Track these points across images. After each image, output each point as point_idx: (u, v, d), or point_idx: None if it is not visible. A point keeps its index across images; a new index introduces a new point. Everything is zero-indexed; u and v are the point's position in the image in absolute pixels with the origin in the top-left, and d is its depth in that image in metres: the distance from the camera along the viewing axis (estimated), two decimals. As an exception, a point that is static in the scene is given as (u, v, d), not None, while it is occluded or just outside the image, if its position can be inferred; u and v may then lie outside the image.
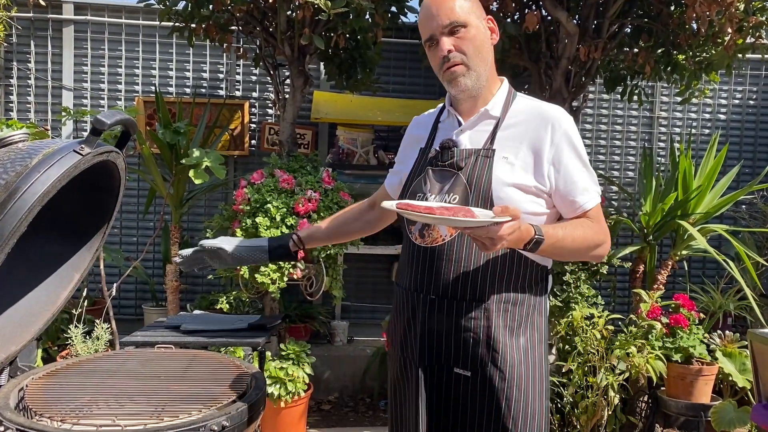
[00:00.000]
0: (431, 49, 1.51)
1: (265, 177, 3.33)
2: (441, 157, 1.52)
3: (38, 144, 1.37)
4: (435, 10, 1.47)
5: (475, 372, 1.46)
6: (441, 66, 1.50)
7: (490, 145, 1.49)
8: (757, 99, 4.88)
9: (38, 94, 4.45)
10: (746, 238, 4.24)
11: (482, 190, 1.44)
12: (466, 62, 1.48)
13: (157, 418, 1.28)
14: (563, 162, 1.47)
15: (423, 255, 1.50)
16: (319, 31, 3.42)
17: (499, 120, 1.51)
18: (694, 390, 3.21)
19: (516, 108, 1.53)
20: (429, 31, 1.49)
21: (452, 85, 1.50)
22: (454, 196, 1.46)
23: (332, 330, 4.27)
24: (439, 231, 1.49)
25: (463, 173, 1.48)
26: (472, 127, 1.54)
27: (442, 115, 1.63)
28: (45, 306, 1.62)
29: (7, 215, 1.22)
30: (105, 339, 3.30)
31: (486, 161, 1.47)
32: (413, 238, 1.53)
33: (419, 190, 1.53)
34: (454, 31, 1.47)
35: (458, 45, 1.47)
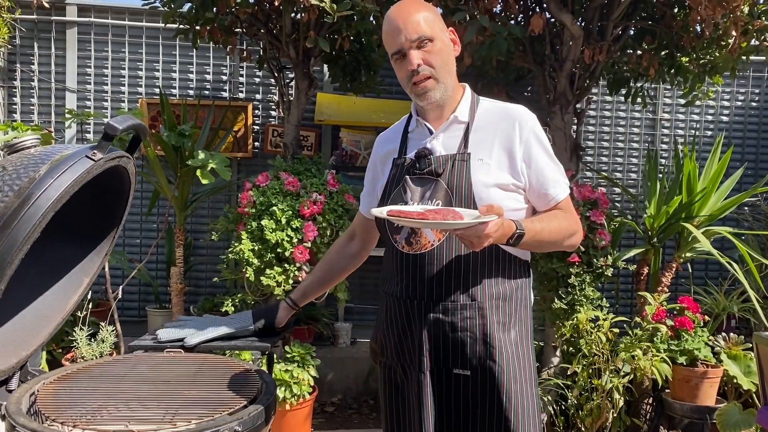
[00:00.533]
0: (398, 63, 1.54)
1: (270, 179, 3.33)
2: (418, 166, 1.55)
3: (50, 149, 1.38)
4: (402, 24, 1.49)
5: (474, 370, 1.50)
6: (409, 79, 1.53)
7: (465, 149, 1.53)
8: (760, 101, 4.89)
9: (41, 96, 4.46)
10: (750, 241, 4.24)
11: (464, 193, 1.49)
12: (435, 75, 1.52)
13: (170, 423, 1.28)
14: (533, 157, 1.53)
15: (412, 262, 1.52)
16: (323, 34, 3.42)
17: (469, 124, 1.56)
18: (699, 392, 3.21)
19: (482, 111, 1.59)
20: (396, 45, 1.51)
21: (422, 98, 1.54)
22: (437, 201, 1.50)
23: (335, 332, 4.27)
24: (427, 237, 1.51)
25: (442, 179, 1.51)
26: (443, 133, 1.58)
27: (410, 126, 1.66)
28: (55, 310, 1.63)
29: (21, 221, 1.22)
30: (110, 341, 3.30)
31: (463, 165, 1.51)
32: (399, 246, 1.55)
33: (399, 199, 1.55)
34: (422, 45, 1.50)
35: (426, 58, 1.50)
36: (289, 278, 3.13)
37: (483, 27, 2.97)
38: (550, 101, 3.63)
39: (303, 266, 3.17)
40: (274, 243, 3.10)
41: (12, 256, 1.21)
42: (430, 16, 1.52)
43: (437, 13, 1.56)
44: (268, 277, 3.11)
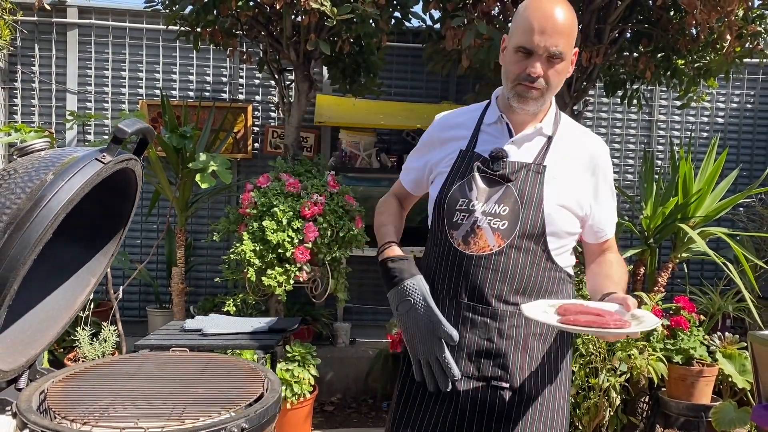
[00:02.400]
0: (517, 55, 1.44)
1: (271, 181, 3.36)
2: (491, 166, 1.50)
3: (60, 152, 1.40)
4: (549, 29, 1.40)
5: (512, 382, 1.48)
6: (519, 78, 1.45)
7: (542, 161, 1.50)
8: (755, 103, 4.94)
9: (42, 97, 4.48)
10: (744, 241, 4.29)
11: (533, 206, 1.47)
12: (545, 91, 1.46)
13: (178, 420, 1.31)
14: (600, 193, 1.56)
15: (466, 262, 1.49)
16: (324, 37, 3.45)
17: (551, 138, 1.53)
18: (695, 391, 3.25)
19: (563, 129, 1.56)
20: (529, 42, 1.42)
21: (519, 101, 1.48)
22: (504, 208, 1.47)
23: (335, 332, 4.30)
24: (487, 240, 1.48)
25: (513, 185, 1.48)
26: (523, 140, 1.53)
27: (485, 117, 1.59)
28: (63, 310, 1.65)
29: (34, 223, 1.25)
30: (112, 341, 3.33)
31: (537, 177, 1.48)
32: (455, 243, 1.50)
33: (463, 195, 1.50)
34: (552, 60, 1.43)
35: (548, 74, 1.44)
36: (290, 278, 3.16)
37: (481, 32, 3.00)
38: (547, 103, 3.66)
39: (304, 266, 3.20)
40: (275, 243, 3.13)
41: (24, 258, 1.24)
42: (574, 32, 1.46)
43: (576, 26, 1.48)
44: (270, 278, 3.14)
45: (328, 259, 3.29)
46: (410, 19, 3.76)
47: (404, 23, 3.79)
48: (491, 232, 1.47)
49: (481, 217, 1.48)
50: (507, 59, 1.49)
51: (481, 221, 1.48)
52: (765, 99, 4.94)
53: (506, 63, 1.49)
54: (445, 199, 1.53)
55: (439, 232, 1.55)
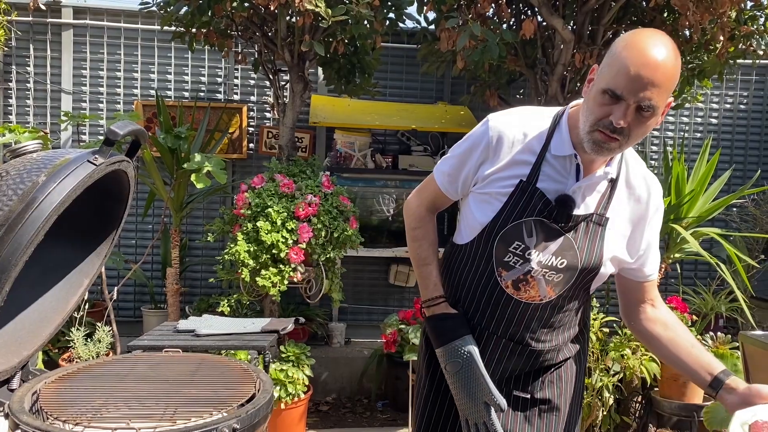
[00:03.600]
0: (604, 98, 1.27)
1: (265, 181, 3.37)
2: (555, 215, 1.40)
3: (52, 154, 1.41)
4: (647, 78, 1.23)
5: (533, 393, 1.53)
6: (600, 124, 1.29)
7: (604, 212, 1.42)
8: (748, 104, 4.96)
9: (37, 97, 4.47)
10: (737, 241, 4.31)
11: (593, 261, 1.42)
12: (624, 143, 1.30)
13: (170, 421, 1.32)
14: (651, 241, 1.50)
15: (513, 306, 1.46)
16: (318, 38, 3.46)
17: (615, 182, 1.43)
18: (687, 390, 3.27)
19: (626, 169, 1.45)
20: (622, 88, 1.24)
21: (594, 149, 1.32)
22: (562, 261, 1.41)
23: (330, 332, 4.31)
24: (539, 291, 1.43)
25: (573, 238, 1.40)
26: (589, 183, 1.42)
27: (552, 145, 1.41)
28: (55, 311, 1.66)
29: (25, 225, 1.25)
30: (106, 342, 3.33)
31: (598, 230, 1.42)
32: (503, 284, 1.44)
33: (519, 237, 1.40)
34: (641, 111, 1.26)
35: (634, 126, 1.27)
36: (284, 279, 3.17)
37: (475, 33, 3.02)
38: (541, 104, 3.68)
39: (298, 267, 3.21)
40: (270, 244, 3.14)
41: (16, 259, 1.24)
42: (673, 83, 1.28)
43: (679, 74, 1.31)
44: (264, 278, 3.15)
45: (323, 259, 3.30)
46: (405, 20, 3.77)
47: (399, 24, 3.81)
48: (545, 284, 1.42)
49: (537, 269, 1.41)
50: (591, 98, 1.32)
51: (536, 273, 1.41)
52: (758, 100, 4.97)
53: (589, 101, 1.32)
54: (497, 233, 1.42)
55: (483, 263, 1.47)
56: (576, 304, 1.51)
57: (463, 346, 1.43)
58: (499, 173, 1.43)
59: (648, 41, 1.26)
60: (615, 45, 1.31)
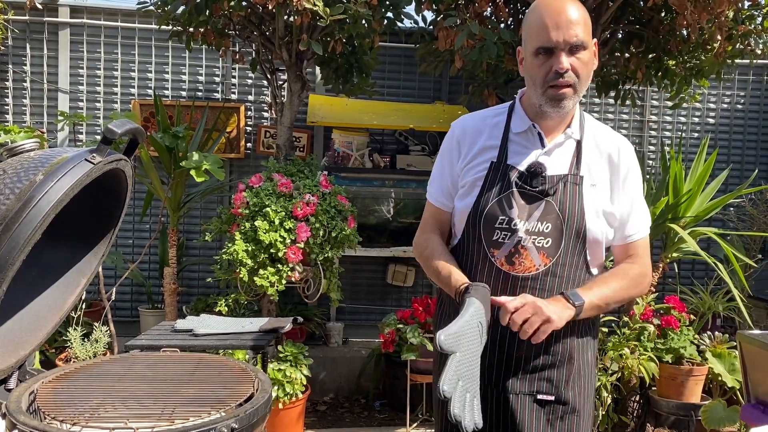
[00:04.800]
0: (539, 58, 1.40)
1: (263, 181, 3.36)
2: (531, 183, 1.46)
3: (50, 153, 1.40)
4: (563, 22, 1.37)
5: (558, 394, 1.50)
6: (548, 80, 1.41)
7: (577, 171, 1.48)
8: (745, 103, 4.97)
9: (34, 97, 4.46)
10: (735, 241, 4.32)
11: (576, 219, 1.45)
12: (576, 86, 1.41)
13: (168, 421, 1.31)
14: (634, 198, 1.53)
15: (512, 283, 1.46)
16: (316, 37, 3.46)
17: (579, 143, 1.51)
18: (685, 390, 3.28)
19: (589, 130, 1.53)
20: (546, 40, 1.38)
21: (554, 104, 1.43)
22: (547, 225, 1.45)
23: (328, 331, 4.31)
24: (533, 260, 1.45)
25: (553, 200, 1.45)
26: (555, 148, 1.50)
27: (512, 125, 1.53)
28: (53, 310, 1.65)
29: (22, 224, 1.25)
30: (103, 341, 3.32)
31: (575, 189, 1.46)
32: (498, 263, 1.47)
33: (502, 212, 1.46)
34: (575, 51, 1.39)
35: (575, 66, 1.39)
36: (282, 278, 3.17)
37: (473, 32, 3.01)
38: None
39: (296, 267, 3.21)
40: (268, 244, 3.13)
41: (14, 258, 1.24)
42: (588, 22, 1.41)
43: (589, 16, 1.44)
44: (262, 278, 3.14)
45: (321, 259, 3.30)
46: (403, 19, 3.77)
47: (397, 24, 3.80)
48: (536, 251, 1.45)
49: (525, 237, 1.45)
50: (528, 66, 1.44)
51: (525, 241, 1.45)
52: (755, 99, 4.98)
53: (529, 70, 1.45)
54: (481, 216, 1.48)
55: (475, 249, 1.51)
56: (575, 274, 1.48)
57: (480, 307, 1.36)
58: (472, 162, 1.53)
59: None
60: (527, 15, 1.47)
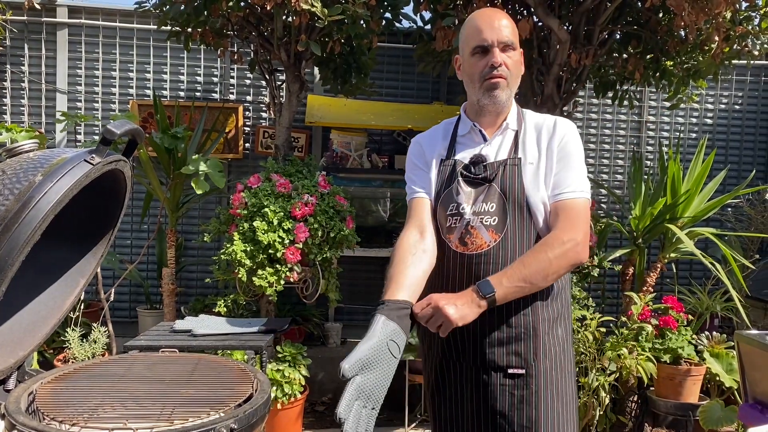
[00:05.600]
0: (476, 57, 1.59)
1: (261, 181, 3.36)
2: (473, 171, 1.61)
3: (49, 153, 1.40)
4: (497, 24, 1.57)
5: (526, 367, 1.55)
6: (484, 74, 1.58)
7: (515, 154, 1.61)
8: (743, 104, 4.98)
9: (32, 97, 4.45)
10: (732, 241, 4.33)
11: (516, 196, 1.56)
12: (508, 79, 1.59)
13: (167, 421, 1.31)
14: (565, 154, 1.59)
15: (467, 262, 1.57)
16: (314, 37, 3.46)
17: (518, 131, 1.65)
18: (683, 390, 3.28)
19: (528, 121, 1.67)
20: (481, 40, 1.57)
21: (490, 95, 1.60)
22: (492, 204, 1.57)
23: (326, 332, 4.31)
24: (483, 237, 1.56)
25: (495, 182, 1.58)
26: (496, 140, 1.65)
27: (459, 130, 1.71)
28: (51, 311, 1.65)
29: (22, 224, 1.25)
30: (102, 342, 3.32)
31: (515, 169, 1.59)
32: (453, 246, 1.59)
33: (452, 200, 1.61)
34: (505, 50, 1.58)
35: (506, 63, 1.58)
36: (280, 279, 3.17)
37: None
38: (537, 104, 3.69)
39: (294, 267, 3.21)
40: (266, 244, 3.13)
41: (13, 259, 1.24)
42: (516, 31, 1.62)
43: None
44: (260, 278, 3.14)
45: (319, 259, 3.30)
46: (401, 20, 3.77)
47: (395, 24, 3.80)
48: (485, 229, 1.56)
49: (473, 217, 1.57)
50: (467, 66, 1.63)
51: (473, 221, 1.57)
52: (753, 100, 4.99)
53: (467, 70, 1.63)
54: (436, 207, 1.63)
55: (439, 238, 1.62)
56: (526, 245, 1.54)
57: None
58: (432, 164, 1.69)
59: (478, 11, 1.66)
60: (462, 29, 1.65)
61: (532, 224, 1.57)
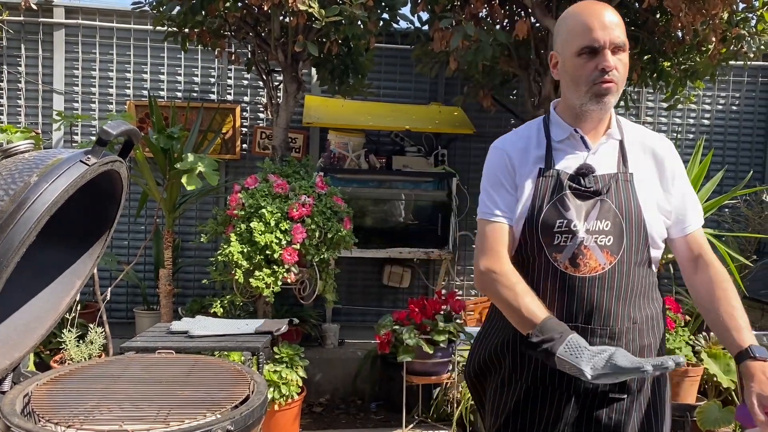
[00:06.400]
0: (583, 58, 1.44)
1: (259, 182, 3.36)
2: (583, 183, 1.47)
3: (45, 154, 1.40)
4: (608, 23, 1.43)
5: (630, 394, 1.47)
6: (593, 78, 1.43)
7: (625, 168, 1.50)
8: (740, 105, 4.99)
9: (29, 97, 4.44)
10: (730, 242, 4.33)
11: (633, 216, 1.46)
12: (619, 84, 1.46)
13: (164, 423, 1.31)
14: (685, 190, 1.53)
15: (578, 285, 1.44)
16: (312, 38, 3.46)
17: (622, 141, 1.53)
18: (680, 391, 3.28)
19: (628, 130, 1.56)
20: (594, 40, 1.42)
21: (598, 101, 1.45)
22: (607, 223, 1.45)
23: (323, 333, 4.30)
24: (597, 259, 1.44)
25: (608, 198, 1.46)
26: (600, 150, 1.52)
27: (552, 134, 1.54)
28: (47, 312, 1.64)
29: (17, 225, 1.24)
30: (99, 343, 3.31)
31: (627, 185, 1.48)
32: (561, 266, 1.45)
33: (559, 216, 1.46)
34: (616, 52, 1.44)
35: (617, 66, 1.44)
36: (277, 280, 3.16)
37: (469, 33, 3.02)
38: (534, 105, 3.69)
39: (291, 268, 3.20)
40: (263, 245, 3.13)
41: (8, 260, 1.23)
42: (623, 26, 1.47)
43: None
44: (257, 279, 3.14)
45: (317, 260, 3.30)
46: (398, 20, 3.77)
47: (392, 25, 3.80)
48: (599, 250, 1.44)
49: (587, 237, 1.44)
50: (569, 67, 1.46)
51: (587, 240, 1.44)
52: (750, 101, 5.00)
53: (570, 71, 1.46)
54: (537, 222, 1.46)
55: (536, 256, 1.48)
56: (639, 271, 1.47)
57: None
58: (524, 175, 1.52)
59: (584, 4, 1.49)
60: (563, 19, 1.51)
61: (647, 247, 1.47)
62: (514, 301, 1.42)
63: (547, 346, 1.32)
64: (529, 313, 1.38)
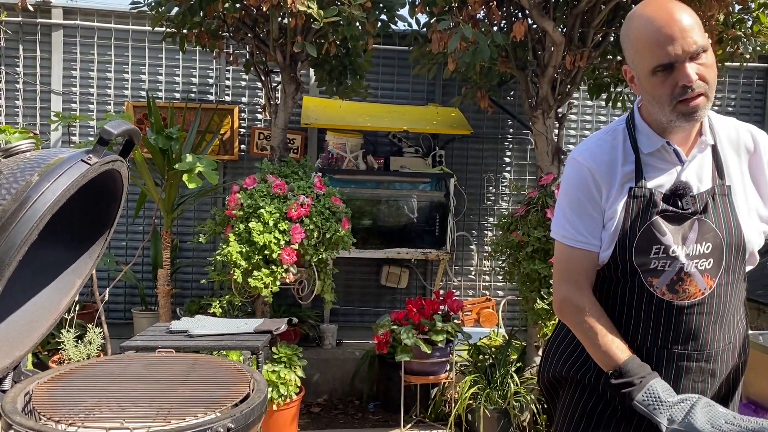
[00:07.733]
0: (660, 76, 1.28)
1: (257, 182, 3.37)
2: (680, 204, 1.35)
3: (46, 153, 1.41)
4: (678, 32, 1.25)
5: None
6: (675, 97, 1.28)
7: (722, 181, 1.39)
8: (736, 106, 5.01)
9: (27, 98, 4.44)
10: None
11: (734, 234, 1.36)
12: (707, 92, 1.29)
13: (164, 421, 1.32)
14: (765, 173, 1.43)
15: (675, 312, 1.36)
16: (310, 39, 3.47)
17: (716, 146, 1.41)
18: (677, 390, 3.29)
19: (719, 129, 1.43)
20: (666, 56, 1.26)
21: (688, 119, 1.31)
22: (707, 245, 1.35)
23: (321, 333, 4.31)
24: (698, 285, 1.36)
25: (707, 218, 1.35)
26: (694, 161, 1.39)
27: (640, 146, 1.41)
28: (47, 311, 1.65)
29: (19, 224, 1.25)
30: (97, 343, 3.31)
31: (725, 200, 1.37)
32: (657, 293, 1.36)
33: (655, 240, 1.35)
34: (696, 57, 1.27)
35: (701, 73, 1.27)
36: (276, 280, 3.17)
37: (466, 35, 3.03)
38: (532, 106, 3.71)
39: (290, 268, 3.21)
40: (262, 245, 3.14)
41: (10, 259, 1.24)
42: (699, 22, 1.29)
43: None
44: (256, 279, 3.15)
45: (315, 260, 3.30)
46: (396, 22, 3.79)
47: (390, 26, 3.82)
48: (699, 275, 1.36)
49: (687, 262, 1.35)
50: (647, 86, 1.32)
51: (688, 266, 1.35)
52: (746, 102, 5.02)
53: (649, 90, 1.32)
54: (630, 247, 1.36)
55: (629, 279, 1.39)
56: (735, 291, 1.41)
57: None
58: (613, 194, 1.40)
59: (649, 7, 1.31)
60: (627, 33, 1.34)
61: (741, 267, 1.39)
62: (596, 337, 1.36)
63: (626, 391, 1.30)
64: (611, 352, 1.34)
